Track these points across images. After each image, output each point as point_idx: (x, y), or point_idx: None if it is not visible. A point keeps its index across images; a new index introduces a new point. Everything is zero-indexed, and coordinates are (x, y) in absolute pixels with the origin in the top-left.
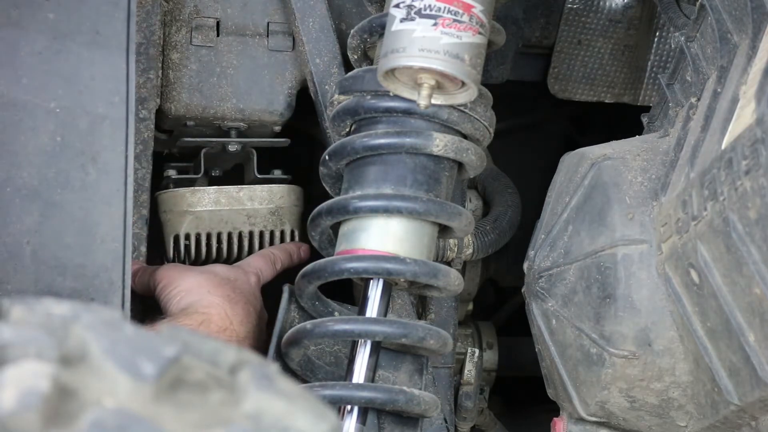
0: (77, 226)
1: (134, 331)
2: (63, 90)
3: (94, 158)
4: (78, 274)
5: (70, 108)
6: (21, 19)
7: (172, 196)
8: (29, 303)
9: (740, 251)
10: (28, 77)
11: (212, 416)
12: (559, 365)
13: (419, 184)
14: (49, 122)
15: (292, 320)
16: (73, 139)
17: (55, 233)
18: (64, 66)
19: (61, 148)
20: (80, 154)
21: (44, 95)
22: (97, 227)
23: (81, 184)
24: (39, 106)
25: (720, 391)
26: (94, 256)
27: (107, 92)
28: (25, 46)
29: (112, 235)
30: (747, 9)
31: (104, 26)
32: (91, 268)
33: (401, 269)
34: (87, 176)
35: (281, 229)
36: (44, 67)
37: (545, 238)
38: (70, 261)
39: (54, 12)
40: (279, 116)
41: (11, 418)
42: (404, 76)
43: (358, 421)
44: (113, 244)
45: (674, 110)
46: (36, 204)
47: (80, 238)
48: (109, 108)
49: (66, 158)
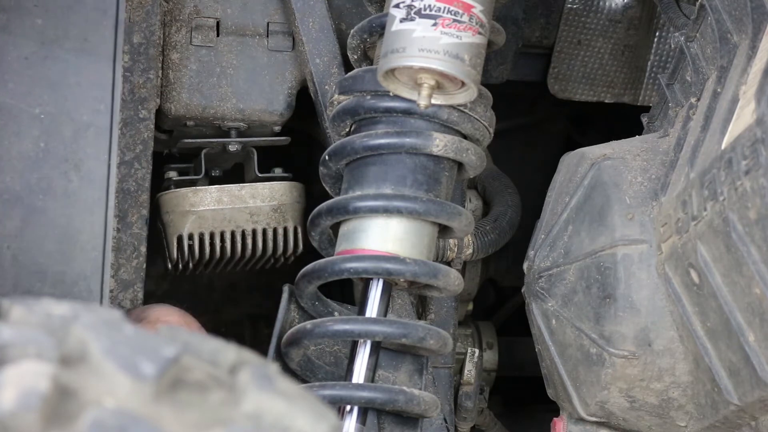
0: (58, 232)
1: (134, 331)
2: (48, 96)
3: (78, 165)
4: (57, 280)
5: (55, 114)
6: (9, 24)
7: (174, 197)
8: (29, 303)
9: (740, 251)
10: (14, 82)
11: (212, 416)
12: (559, 365)
13: (419, 184)
14: (33, 128)
15: (292, 320)
16: (56, 145)
17: (36, 239)
18: (50, 72)
19: (44, 154)
20: (63, 160)
21: (29, 100)
22: (79, 235)
23: (63, 191)
24: (24, 111)
25: (720, 391)
26: (74, 263)
27: (93, 100)
28: (12, 51)
29: (93, 243)
30: (747, 9)
31: (92, 33)
32: (70, 275)
33: (401, 269)
34: (69, 183)
35: (284, 226)
36: (30, 72)
37: (545, 238)
38: (50, 267)
39: (42, 18)
40: (279, 116)
41: (11, 418)
42: (404, 76)
43: (358, 421)
44: (93, 252)
45: (674, 110)
46: (17, 209)
47: (61, 245)
48: (94, 116)
49: (49, 164)
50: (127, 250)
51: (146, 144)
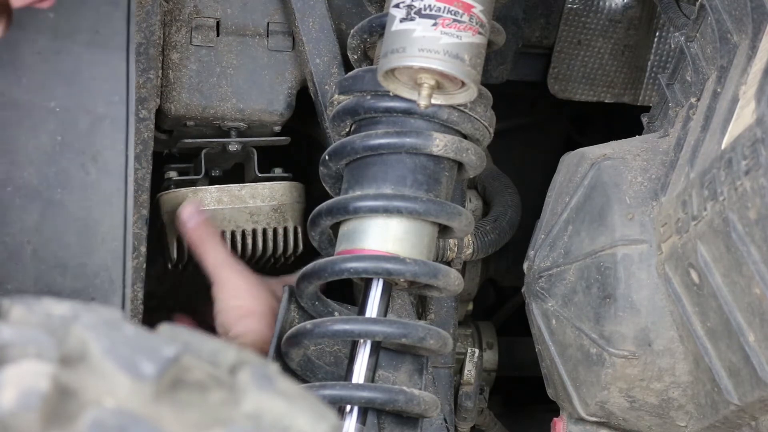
0: (77, 225)
1: (134, 331)
2: (63, 89)
3: (95, 157)
4: (78, 273)
5: (70, 107)
6: (21, 19)
7: (174, 197)
8: (29, 303)
9: (740, 251)
10: (28, 77)
11: (212, 416)
12: (559, 365)
13: (419, 184)
14: (49, 122)
15: (292, 320)
16: (73, 138)
17: (56, 232)
18: (64, 66)
19: (61, 147)
20: (80, 153)
21: (44, 95)
22: (98, 226)
23: (81, 184)
24: (39, 106)
25: (720, 391)
26: (94, 255)
27: (107, 92)
28: (25, 46)
29: (113, 234)
30: (747, 9)
31: (104, 26)
32: (91, 267)
33: (401, 269)
34: (87, 176)
35: (284, 226)
36: (44, 66)
37: (545, 238)
38: (70, 260)
39: (54, 12)
40: (279, 116)
41: (11, 418)
42: (404, 76)
43: (358, 421)
44: (113, 243)
45: (674, 110)
46: (36, 203)
47: (80, 238)
48: (109, 107)
49: (66, 158)
50: None
51: (146, 144)
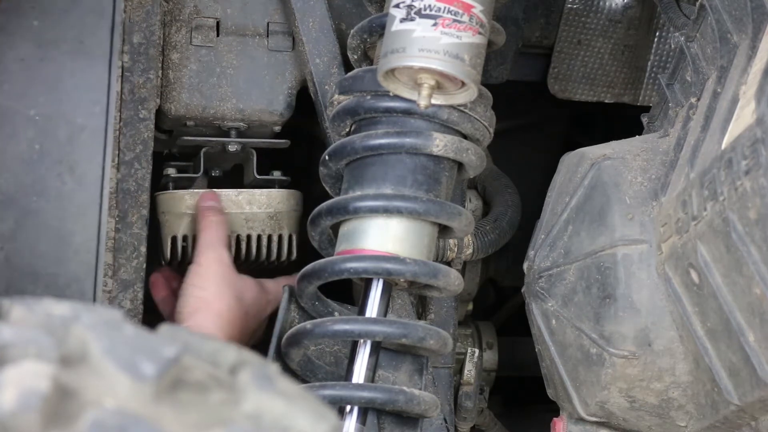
0: (51, 235)
1: (134, 331)
2: (44, 98)
3: (72, 168)
4: (50, 283)
5: (51, 116)
6: (6, 25)
7: (171, 198)
8: (29, 303)
9: (740, 251)
10: (9, 83)
11: (212, 416)
12: (559, 365)
13: (419, 184)
14: (28, 129)
15: (292, 320)
16: (51, 147)
17: (29, 241)
18: (46, 74)
19: (39, 155)
20: (58, 162)
21: (25, 102)
22: (72, 237)
23: (57, 194)
24: (19, 113)
25: (720, 391)
26: (67, 266)
27: (88, 102)
28: (8, 52)
29: (86, 246)
30: (747, 9)
31: (89, 36)
32: (63, 278)
33: (401, 269)
34: (64, 185)
35: (279, 234)
36: (27, 74)
37: (545, 238)
38: (43, 269)
39: (39, 19)
40: (279, 116)
41: (11, 418)
42: (404, 76)
43: (358, 421)
44: (86, 255)
45: (674, 110)
46: (11, 210)
47: (54, 248)
48: (89, 118)
49: (44, 166)
50: (126, 250)
51: (146, 144)
